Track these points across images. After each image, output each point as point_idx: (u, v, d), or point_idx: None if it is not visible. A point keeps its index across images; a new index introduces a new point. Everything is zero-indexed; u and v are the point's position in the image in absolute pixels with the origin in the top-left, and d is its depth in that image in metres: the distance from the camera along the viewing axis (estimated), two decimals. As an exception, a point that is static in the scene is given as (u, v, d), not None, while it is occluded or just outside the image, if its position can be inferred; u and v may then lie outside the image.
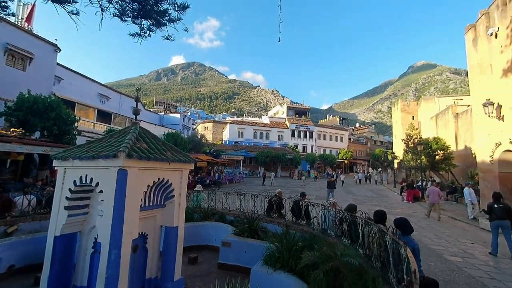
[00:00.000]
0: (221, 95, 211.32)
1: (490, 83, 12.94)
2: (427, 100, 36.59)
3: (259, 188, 20.03)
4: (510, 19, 11.26)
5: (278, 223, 6.36)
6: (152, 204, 3.45)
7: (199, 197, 8.53)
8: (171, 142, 20.77)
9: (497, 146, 12.22)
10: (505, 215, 6.28)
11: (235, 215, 7.27)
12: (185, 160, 3.66)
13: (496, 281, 4.81)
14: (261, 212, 7.14)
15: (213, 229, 6.59)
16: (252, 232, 5.70)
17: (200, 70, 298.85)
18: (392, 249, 2.92)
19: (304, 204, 5.91)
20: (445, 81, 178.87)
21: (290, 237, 4.34)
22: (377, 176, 34.96)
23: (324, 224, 5.42)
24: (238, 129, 46.06)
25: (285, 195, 14.09)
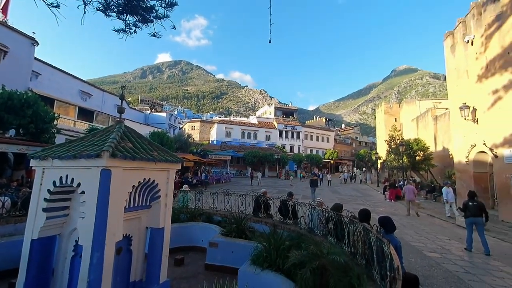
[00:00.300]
0: (208, 94, 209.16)
1: (466, 88, 13.66)
2: (409, 103, 38.09)
3: (246, 188, 20.02)
4: (484, 28, 11.93)
5: (266, 223, 6.38)
6: (137, 205, 3.36)
7: (186, 197, 8.40)
8: (156, 142, 20.29)
9: (472, 147, 12.92)
10: (478, 213, 6.68)
11: (222, 215, 7.23)
12: (172, 160, 3.59)
13: (470, 275, 5.08)
14: (249, 212, 7.14)
15: (200, 229, 6.51)
16: (240, 232, 5.69)
17: (187, 69, 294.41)
18: (376, 246, 3.01)
19: (292, 203, 5.97)
20: (425, 85, 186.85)
21: (278, 237, 4.38)
22: (362, 175, 36.41)
23: (311, 223, 5.50)
24: (226, 129, 45.78)
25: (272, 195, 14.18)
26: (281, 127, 49.40)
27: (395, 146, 23.88)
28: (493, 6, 11.30)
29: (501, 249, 6.99)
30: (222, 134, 45.19)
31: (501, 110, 10.82)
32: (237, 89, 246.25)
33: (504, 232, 8.75)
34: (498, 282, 4.78)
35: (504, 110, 10.66)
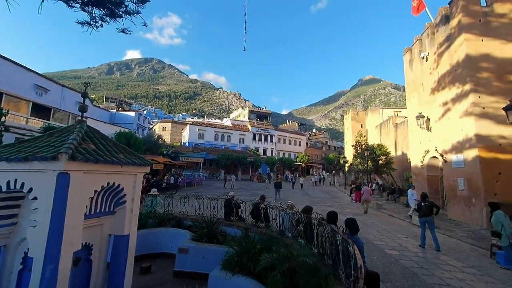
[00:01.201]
0: (181, 94, 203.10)
1: (421, 99, 15.10)
2: (373, 110, 40.92)
3: (219, 191, 19.75)
4: (437, 47, 13.32)
5: (238, 227, 6.35)
6: (99, 211, 3.13)
7: (154, 201, 8.02)
8: (123, 143, 19.12)
9: (426, 153, 14.27)
10: (429, 212, 7.40)
11: (193, 220, 7.03)
12: (140, 162, 3.41)
13: (424, 269, 5.59)
14: (221, 215, 7.04)
15: (169, 235, 6.25)
16: (211, 237, 5.60)
17: (158, 67, 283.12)
18: (342, 247, 3.17)
19: (264, 206, 6.03)
20: (388, 95, 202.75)
21: (249, 240, 4.38)
22: (330, 178, 38.34)
23: (282, 225, 5.61)
24: (199, 131, 44.83)
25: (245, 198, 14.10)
26: (255, 130, 49.79)
27: (361, 150, 25.44)
28: (444, 27, 12.72)
29: (449, 244, 7.80)
30: (194, 135, 44.15)
31: (449, 121, 12.15)
32: (211, 90, 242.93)
33: (451, 229, 9.78)
34: (446, 275, 5.32)
35: (451, 121, 11.99)
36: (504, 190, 9.68)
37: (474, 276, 5.31)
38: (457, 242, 8.09)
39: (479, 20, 11.13)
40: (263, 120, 59.02)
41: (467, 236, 8.73)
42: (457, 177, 11.64)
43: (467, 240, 8.23)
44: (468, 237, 8.60)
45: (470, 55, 10.94)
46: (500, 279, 5.17)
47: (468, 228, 10.05)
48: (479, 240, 8.14)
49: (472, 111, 10.63)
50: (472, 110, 10.64)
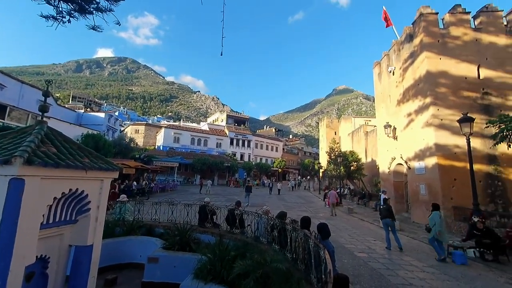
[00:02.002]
0: (156, 96, 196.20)
1: (389, 110, 16.17)
2: (346, 119, 42.97)
3: (194, 197, 19.24)
4: (402, 62, 14.43)
5: (212, 233, 6.22)
6: (59, 220, 2.88)
7: (123, 208, 7.57)
8: (90, 145, 17.94)
9: (393, 160, 15.23)
10: (387, 214, 8.05)
11: (165, 227, 6.74)
12: (107, 167, 3.22)
13: (389, 270, 5.91)
14: (195, 222, 6.86)
15: (138, 244, 5.93)
16: (184, 245, 5.41)
17: (133, 67, 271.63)
18: (314, 252, 3.25)
19: (239, 212, 5.99)
20: (359, 104, 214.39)
21: (223, 247, 4.31)
22: (306, 183, 39.43)
23: (257, 231, 5.60)
24: (174, 134, 43.54)
25: (221, 203, 13.85)
26: (233, 135, 49.59)
27: (334, 157, 26.48)
28: (408, 45, 13.87)
29: (412, 245, 8.35)
30: (170, 139, 42.77)
31: (413, 131, 13.17)
32: (189, 93, 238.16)
33: (414, 232, 10.49)
34: (409, 274, 5.68)
35: (414, 131, 13.00)
36: (459, 195, 10.65)
37: (433, 275, 5.73)
38: (419, 244, 8.69)
39: (437, 40, 12.32)
40: (241, 125, 59.10)
41: (428, 237, 9.41)
42: (419, 183, 12.58)
43: (427, 242, 8.87)
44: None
45: (430, 71, 12.02)
46: (455, 277, 5.64)
47: (429, 230, 10.86)
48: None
49: (432, 122, 11.64)
50: (432, 121, 11.64)
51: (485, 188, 10.90)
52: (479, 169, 10.64)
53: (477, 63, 11.96)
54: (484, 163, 11.10)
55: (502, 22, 12.41)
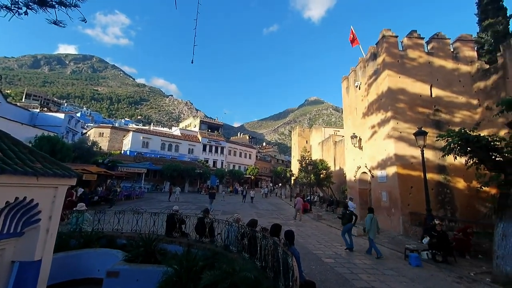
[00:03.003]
0: (125, 98, 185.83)
1: (355, 122, 17.23)
2: (317, 129, 44.80)
3: (162, 205, 18.35)
4: (367, 78, 15.56)
5: (180, 243, 5.97)
6: (0, 233, 2.55)
7: (80, 218, 6.94)
8: (46, 149, 16.32)
9: (358, 168, 16.16)
10: (350, 219, 8.92)
11: (128, 238, 6.32)
12: (63, 173, 2.95)
13: (353, 274, 6.19)
14: (162, 232, 6.53)
15: (96, 257, 5.45)
16: (149, 256, 5.11)
17: (99, 67, 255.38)
18: (283, 259, 3.29)
19: (209, 221, 5.85)
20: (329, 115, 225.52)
21: (191, 257, 4.16)
22: (278, 190, 40.09)
23: (227, 240, 5.51)
24: (143, 139, 41.45)
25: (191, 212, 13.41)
26: (206, 141, 48.71)
27: (305, 165, 27.30)
28: (372, 63, 15.06)
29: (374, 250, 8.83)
30: (138, 144, 40.60)
31: (376, 142, 14.17)
32: (161, 97, 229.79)
33: (376, 237, 11.11)
34: (371, 278, 6.00)
35: (377, 142, 14.00)
36: (415, 201, 11.62)
37: (392, 277, 6.12)
38: (381, 248, 9.20)
39: (397, 60, 13.58)
40: (215, 132, 58.49)
41: (388, 242, 10.08)
42: (381, 190, 13.48)
43: (388, 246, 9.49)
44: (389, 243, 9.93)
45: (391, 88, 13.15)
46: (411, 278, 6.08)
47: (389, 234, 11.63)
48: (397, 245, 9.48)
49: (392, 135, 12.65)
50: (392, 134, 12.66)
51: (436, 195, 12.04)
52: (431, 178, 11.76)
53: (429, 83, 13.38)
54: (435, 173, 12.30)
55: (449, 48, 14.12)
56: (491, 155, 6.68)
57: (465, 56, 13.83)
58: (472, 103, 13.11)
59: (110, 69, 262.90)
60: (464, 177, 11.98)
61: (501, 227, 6.08)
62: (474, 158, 7.00)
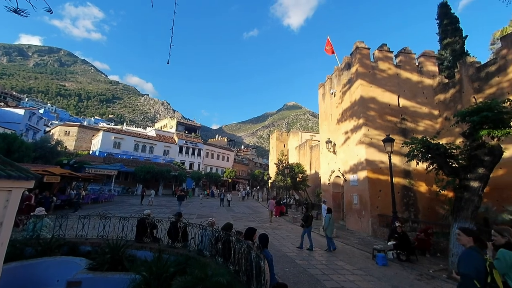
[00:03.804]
0: (96, 95, 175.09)
1: (330, 127, 17.90)
2: (294, 133, 45.79)
3: (133, 209, 17.50)
4: (342, 86, 16.27)
5: (151, 249, 5.72)
6: None
7: (39, 224, 6.36)
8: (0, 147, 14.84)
9: (332, 172, 16.75)
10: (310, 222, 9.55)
11: (94, 244, 5.93)
12: (19, 175, 2.70)
13: (325, 275, 6.37)
14: (132, 237, 6.22)
15: (56, 266, 5.03)
16: (116, 263, 4.83)
17: (68, 61, 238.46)
18: (255, 263, 3.30)
19: (182, 225, 5.69)
20: (306, 120, 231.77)
21: (162, 263, 4.01)
22: (255, 194, 40.21)
23: (201, 244, 5.39)
24: (115, 139, 39.35)
25: (165, 215, 12.95)
26: (182, 143, 47.50)
27: (282, 168, 27.72)
28: (347, 72, 15.83)
29: (345, 251, 9.21)
30: (109, 144, 38.45)
31: (349, 147, 14.84)
32: (135, 96, 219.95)
33: (347, 238, 11.61)
34: (341, 278, 6.22)
35: (350, 147, 14.67)
36: (383, 204, 12.32)
37: (361, 276, 6.40)
38: (351, 249, 9.64)
39: (369, 71, 14.41)
40: (192, 133, 57.34)
41: (358, 243, 10.54)
42: (353, 194, 14.11)
43: (358, 246, 9.92)
44: (359, 244, 10.39)
45: (363, 96, 13.90)
46: (377, 277, 6.41)
47: (359, 235, 12.18)
48: (366, 246, 9.94)
49: (363, 141, 13.34)
50: (363, 140, 13.35)
51: (402, 198, 12.88)
52: (398, 182, 12.57)
53: (397, 93, 14.36)
54: (401, 177, 13.17)
55: (415, 62, 15.31)
56: (448, 161, 7.32)
57: (428, 70, 15.08)
58: (434, 114, 14.30)
59: (79, 63, 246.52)
60: (425, 182, 12.96)
61: (456, 227, 6.66)
62: (434, 164, 7.62)
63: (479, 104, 6.68)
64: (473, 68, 12.07)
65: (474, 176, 6.55)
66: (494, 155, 6.38)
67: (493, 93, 10.84)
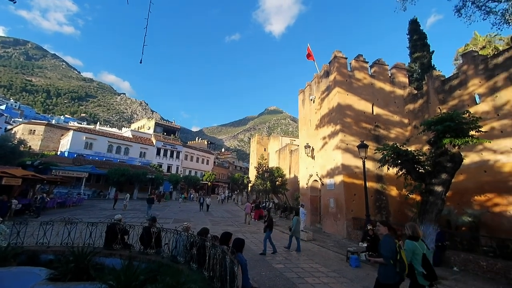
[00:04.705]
0: (67, 93, 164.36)
1: (309, 132, 18.34)
2: (275, 137, 46.32)
3: (104, 214, 16.55)
4: (320, 93, 16.79)
5: (121, 256, 5.42)
6: None
7: (-8, 231, 5.77)
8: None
9: (310, 177, 17.12)
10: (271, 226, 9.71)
11: (57, 253, 5.49)
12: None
13: (301, 278, 6.45)
14: (101, 244, 5.85)
15: (11, 277, 4.57)
16: (81, 273, 4.49)
17: (36, 54, 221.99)
18: (229, 268, 3.25)
19: (156, 230, 5.47)
20: (287, 125, 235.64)
21: (131, 271, 3.79)
22: (235, 197, 39.97)
23: (175, 250, 5.21)
24: (87, 139, 37.19)
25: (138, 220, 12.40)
26: (160, 145, 46.03)
27: (262, 172, 27.84)
28: (325, 79, 16.39)
29: (321, 253, 9.41)
30: (79, 144, 36.25)
31: (326, 152, 15.30)
32: (111, 94, 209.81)
33: (324, 240, 11.88)
34: (316, 280, 6.33)
35: (328, 152, 15.13)
36: (357, 207, 12.79)
37: (335, 278, 6.57)
38: (327, 251, 9.88)
39: (346, 79, 15.04)
40: (171, 135, 55.88)
41: (333, 245, 10.83)
42: (329, 197, 14.51)
43: (333, 249, 10.19)
44: (334, 246, 10.68)
45: (340, 103, 14.45)
46: (350, 279, 6.61)
47: (335, 238, 12.52)
48: (341, 248, 10.24)
49: (340, 146, 13.83)
50: (340, 145, 13.84)
51: (375, 201, 13.49)
52: (371, 186, 13.16)
53: (371, 102, 15.12)
54: (374, 181, 13.81)
55: (388, 73, 16.25)
56: (416, 167, 7.82)
57: (400, 81, 16.07)
58: (404, 122, 15.23)
59: (49, 58, 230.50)
60: (396, 186, 13.69)
61: (422, 229, 7.09)
62: (403, 170, 8.10)
63: (443, 114, 7.24)
64: (439, 81, 13.07)
65: (438, 181, 7.04)
66: (455, 162, 6.92)
67: (455, 104, 11.80)
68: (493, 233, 9.19)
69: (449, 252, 8.13)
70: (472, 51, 12.41)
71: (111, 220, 6.21)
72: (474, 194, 10.39)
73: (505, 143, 9.61)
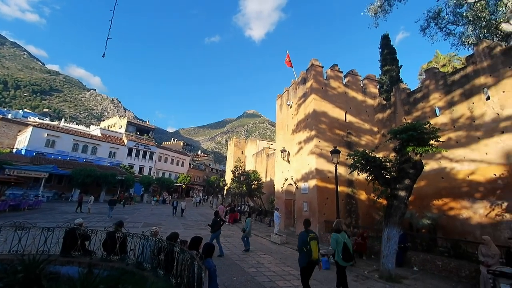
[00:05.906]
0: (28, 85, 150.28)
1: (285, 137, 18.65)
2: (252, 141, 46.50)
3: (65, 217, 15.29)
4: (298, 99, 17.19)
5: (80, 264, 5.01)
6: None
7: None
8: None
9: (286, 180, 17.36)
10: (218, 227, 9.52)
11: (3, 262, 4.91)
12: None
13: (272, 282, 6.46)
14: (57, 251, 5.37)
15: None
16: (31, 283, 4.05)
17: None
18: (197, 274, 3.14)
19: (121, 235, 5.14)
20: (265, 129, 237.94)
21: (90, 280, 3.51)
22: (211, 200, 39.26)
23: (141, 256, 4.94)
24: (48, 136, 34.27)
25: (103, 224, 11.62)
26: (132, 145, 43.86)
27: (238, 175, 27.69)
28: (302, 86, 16.84)
29: (293, 256, 9.50)
30: (40, 142, 33.28)
31: (301, 156, 15.65)
32: (79, 90, 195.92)
33: (296, 243, 12.04)
34: (287, 284, 6.39)
35: (303, 157, 15.49)
36: (329, 211, 13.21)
37: (305, 281, 6.66)
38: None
39: (322, 87, 15.58)
40: (144, 135, 53.60)
41: (306, 249, 11.02)
42: (303, 201, 14.82)
43: (305, 252, 10.36)
44: (306, 249, 10.87)
45: (316, 110, 14.92)
46: (320, 280, 6.77)
47: (307, 242, 12.76)
48: (312, 251, 10.45)
49: (314, 151, 14.23)
50: (314, 150, 14.24)
51: (345, 205, 14.03)
52: (342, 190, 13.69)
53: (345, 110, 15.82)
54: (345, 186, 14.38)
55: (360, 84, 17.15)
56: (383, 173, 8.27)
57: (371, 92, 17.03)
58: (374, 130, 16.13)
59: (8, 46, 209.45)
60: (365, 190, 14.39)
61: (386, 232, 7.51)
62: (372, 175, 8.52)
63: (408, 124, 7.77)
64: (405, 94, 14.08)
65: (401, 186, 7.51)
66: (417, 168, 7.45)
67: (419, 116, 12.77)
68: (448, 235, 10.04)
69: (410, 253, 8.69)
70: (434, 67, 13.57)
71: (70, 225, 5.73)
72: (433, 198, 11.27)
73: (459, 153, 10.58)
